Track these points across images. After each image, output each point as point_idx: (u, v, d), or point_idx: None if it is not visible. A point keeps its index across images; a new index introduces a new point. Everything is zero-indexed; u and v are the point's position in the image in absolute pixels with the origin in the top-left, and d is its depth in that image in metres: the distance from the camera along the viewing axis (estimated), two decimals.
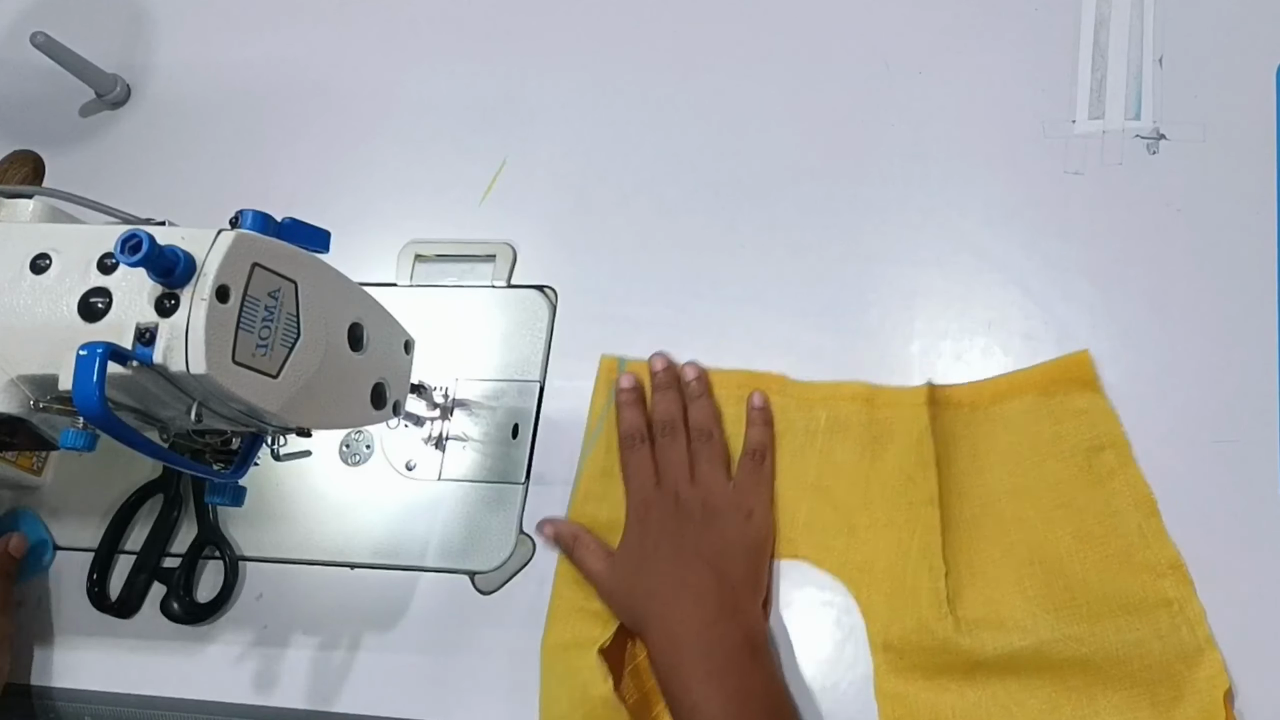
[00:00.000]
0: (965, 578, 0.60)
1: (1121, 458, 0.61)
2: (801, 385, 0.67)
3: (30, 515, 0.74)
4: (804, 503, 0.64)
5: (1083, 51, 0.71)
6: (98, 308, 0.51)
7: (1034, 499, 0.61)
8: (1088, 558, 0.59)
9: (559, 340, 0.72)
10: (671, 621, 0.59)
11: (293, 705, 0.67)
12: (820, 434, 0.65)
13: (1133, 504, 0.59)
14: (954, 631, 0.58)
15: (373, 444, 0.72)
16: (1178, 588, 0.57)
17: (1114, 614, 0.57)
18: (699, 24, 0.78)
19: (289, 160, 0.82)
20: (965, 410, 0.64)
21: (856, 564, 0.62)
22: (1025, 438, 0.62)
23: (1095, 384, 0.62)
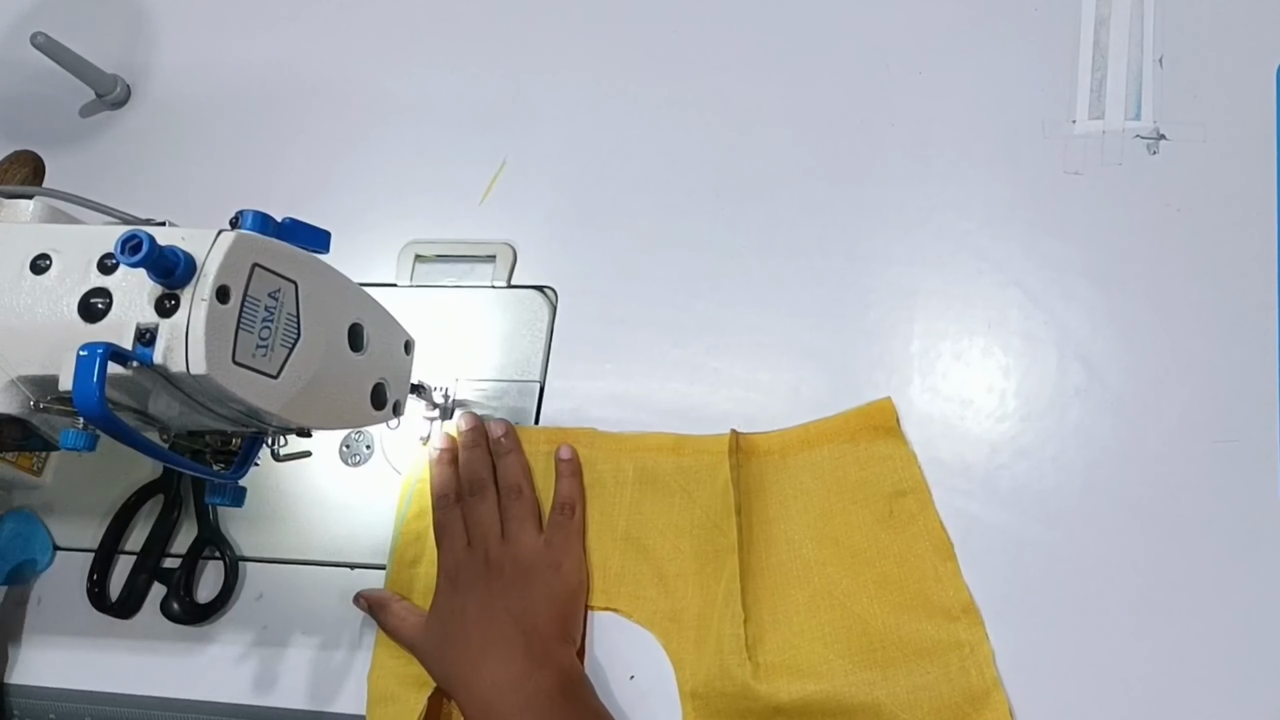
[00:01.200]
0: (767, 624, 0.61)
1: (922, 502, 0.62)
2: (609, 437, 0.68)
3: (30, 515, 0.74)
4: (615, 554, 0.65)
5: (1083, 51, 0.71)
6: (98, 308, 0.51)
7: (837, 545, 0.62)
8: (886, 601, 0.60)
9: (559, 340, 0.72)
10: (481, 682, 0.59)
11: (293, 705, 0.67)
12: (629, 485, 0.66)
13: (931, 548, 0.61)
14: (751, 678, 0.58)
15: (373, 444, 0.72)
16: (970, 630, 0.59)
17: (907, 658, 0.59)
18: (699, 24, 0.78)
19: (289, 160, 0.82)
20: (775, 457, 0.65)
21: (666, 613, 0.63)
22: (830, 484, 0.64)
23: (897, 430, 0.64)
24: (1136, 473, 0.61)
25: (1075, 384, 0.64)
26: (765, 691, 0.58)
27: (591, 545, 0.65)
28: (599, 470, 0.67)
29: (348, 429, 0.71)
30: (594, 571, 0.65)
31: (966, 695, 0.57)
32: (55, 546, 0.73)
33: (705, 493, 0.65)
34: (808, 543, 0.63)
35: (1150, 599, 0.58)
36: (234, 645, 0.69)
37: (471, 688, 0.59)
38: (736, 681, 0.59)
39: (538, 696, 0.58)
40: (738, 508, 0.63)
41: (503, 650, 0.60)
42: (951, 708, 0.57)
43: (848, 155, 0.72)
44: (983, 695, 0.57)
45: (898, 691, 0.58)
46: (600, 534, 0.66)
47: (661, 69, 0.77)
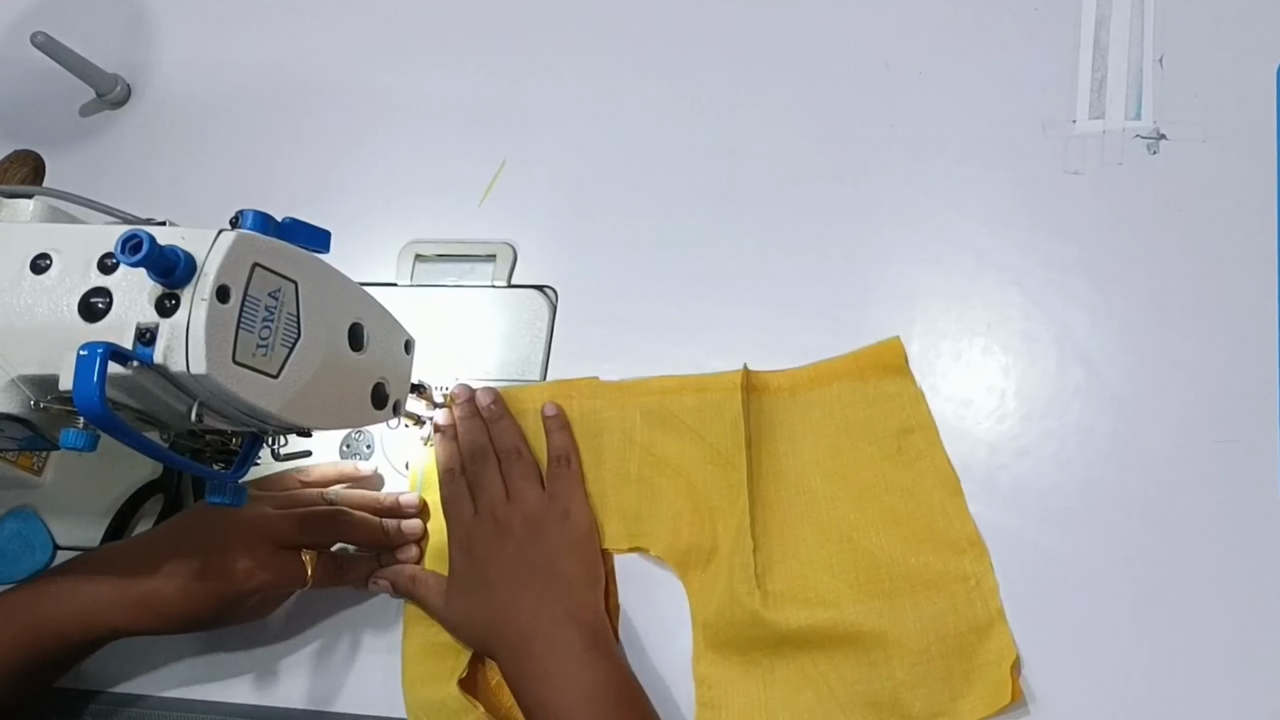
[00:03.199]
0: (776, 555, 0.62)
1: (929, 440, 0.63)
2: (613, 385, 0.69)
3: (30, 515, 0.74)
4: (631, 496, 0.66)
5: (1083, 51, 0.71)
6: (98, 308, 0.51)
7: (846, 480, 0.63)
8: (894, 535, 0.61)
9: (559, 340, 0.72)
10: (512, 636, 0.61)
11: (293, 705, 0.67)
12: (638, 429, 0.67)
13: (938, 483, 0.62)
14: (761, 605, 0.60)
15: (373, 444, 0.71)
16: (975, 563, 0.60)
17: (914, 589, 0.60)
18: (699, 24, 0.78)
19: (289, 160, 0.82)
20: (784, 395, 0.66)
21: (682, 549, 0.65)
22: (840, 421, 0.65)
23: (905, 369, 0.65)
24: (1136, 473, 0.61)
25: (1075, 384, 0.64)
26: (773, 619, 0.60)
27: (607, 491, 0.67)
28: (606, 418, 0.68)
29: (348, 429, 0.71)
30: (612, 516, 0.66)
31: (971, 625, 0.59)
32: (55, 546, 0.73)
33: (714, 430, 0.65)
34: (817, 478, 0.64)
35: (1150, 598, 0.58)
36: (234, 645, 0.69)
37: (504, 636, 0.61)
38: (746, 609, 0.60)
39: (568, 644, 0.59)
40: (748, 442, 0.64)
41: (530, 602, 0.61)
42: (956, 637, 0.58)
43: (848, 155, 0.72)
44: (987, 625, 0.59)
45: (904, 621, 0.59)
46: (616, 480, 0.67)
47: (662, 69, 0.77)
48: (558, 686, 0.58)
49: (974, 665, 0.58)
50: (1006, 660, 0.57)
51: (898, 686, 0.58)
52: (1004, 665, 0.57)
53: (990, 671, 0.58)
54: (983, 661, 0.58)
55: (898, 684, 0.58)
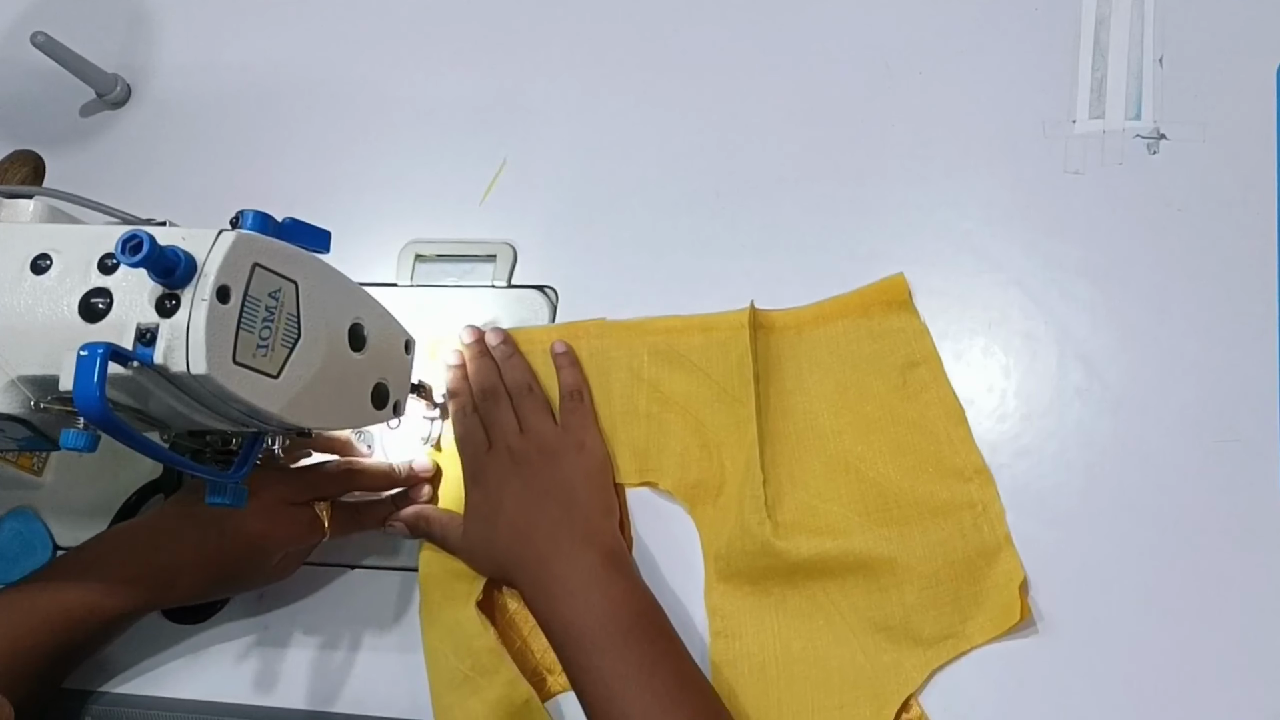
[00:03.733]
0: (786, 487, 0.63)
1: (934, 372, 0.64)
2: (620, 325, 0.70)
3: (30, 515, 0.74)
4: (641, 432, 0.68)
5: (1083, 51, 0.71)
6: (98, 308, 0.51)
7: (852, 414, 0.65)
8: (900, 465, 0.63)
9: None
10: (531, 558, 0.62)
11: (293, 705, 0.67)
12: (646, 367, 0.68)
13: (943, 414, 0.63)
14: (772, 535, 0.61)
15: (373, 444, 0.71)
16: (981, 490, 0.61)
17: (922, 516, 0.61)
18: (699, 25, 0.78)
19: (289, 160, 0.82)
20: (790, 333, 0.67)
21: (691, 483, 0.66)
22: (845, 357, 0.66)
23: (909, 304, 0.66)
24: (1136, 473, 0.61)
25: (1075, 384, 0.64)
26: (785, 548, 0.61)
27: (617, 427, 0.68)
28: (614, 357, 0.69)
29: (348, 429, 0.71)
30: (623, 450, 0.67)
31: (979, 550, 0.60)
32: (55, 546, 0.73)
33: (721, 367, 0.67)
34: (824, 413, 0.65)
35: (1150, 598, 0.58)
36: (234, 645, 0.69)
37: (524, 564, 0.62)
38: (756, 540, 0.61)
39: (590, 569, 0.61)
40: (755, 378, 0.65)
41: (548, 527, 0.62)
42: (965, 562, 0.60)
43: (848, 155, 0.72)
44: (994, 550, 0.60)
45: (913, 547, 0.60)
46: (625, 416, 0.68)
47: (662, 69, 0.77)
48: (579, 604, 0.59)
49: (982, 588, 0.59)
50: (1014, 581, 0.58)
51: (908, 610, 0.59)
52: (1012, 586, 0.58)
53: (998, 593, 0.59)
54: (991, 584, 0.59)
55: (908, 608, 0.59)
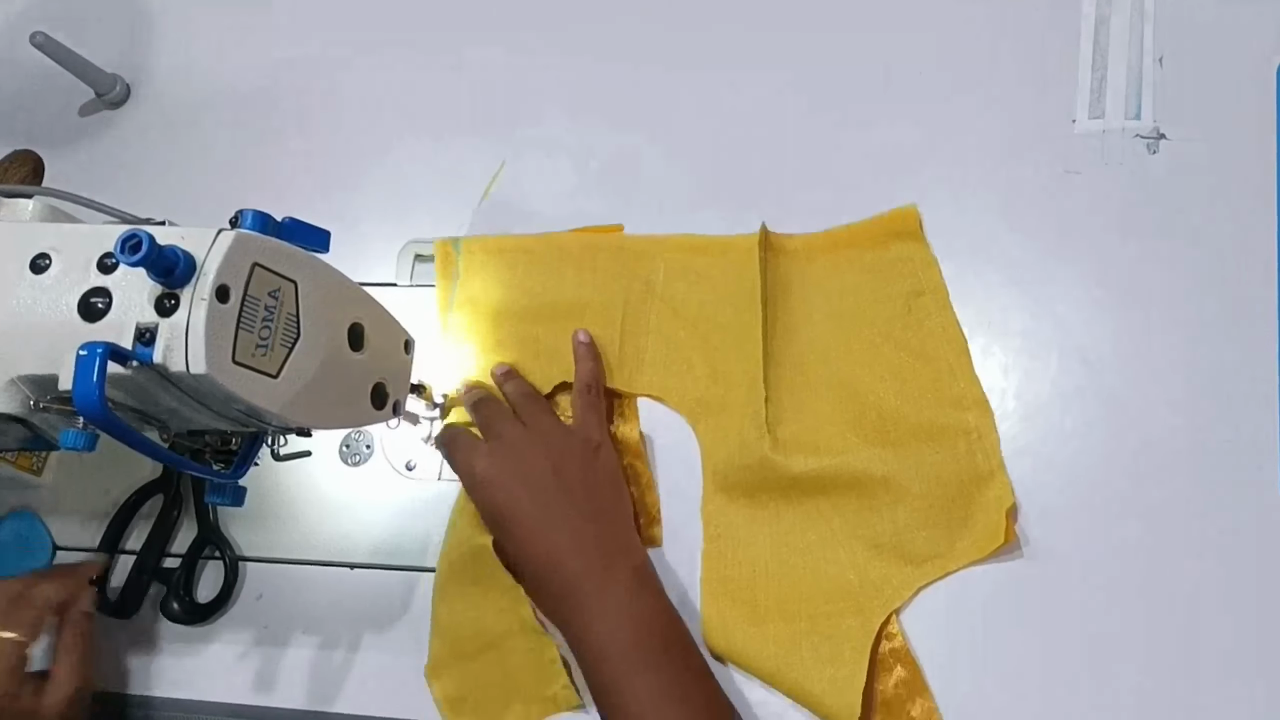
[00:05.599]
0: (787, 406, 0.64)
1: (939, 301, 0.65)
2: (639, 239, 0.71)
3: (30, 515, 0.74)
4: (649, 345, 0.69)
5: (1083, 51, 0.71)
6: (98, 308, 0.51)
7: (857, 338, 0.66)
8: (900, 391, 0.64)
9: None
10: (557, 583, 0.60)
11: (293, 705, 0.67)
12: (659, 283, 0.70)
13: (946, 343, 0.64)
14: (770, 450, 0.62)
15: (373, 444, 0.71)
16: (979, 419, 0.62)
17: (919, 440, 0.62)
18: (700, 25, 0.78)
19: (289, 160, 0.82)
20: (800, 258, 0.69)
21: (695, 397, 0.67)
22: (852, 284, 0.67)
23: (919, 234, 0.67)
24: (1136, 472, 0.61)
25: (1075, 384, 0.64)
26: (781, 462, 0.62)
27: (625, 337, 0.69)
28: (631, 269, 0.70)
29: (348, 429, 0.71)
30: (628, 360, 0.69)
31: (972, 475, 0.61)
32: (55, 546, 0.73)
33: (731, 288, 0.68)
34: (829, 336, 0.66)
35: (1150, 598, 0.58)
36: (234, 645, 0.69)
37: (548, 583, 0.61)
38: (755, 454, 0.63)
39: (620, 589, 0.60)
40: (764, 300, 0.66)
41: (573, 542, 0.61)
42: (957, 485, 0.61)
43: (848, 156, 0.72)
44: (988, 475, 0.61)
45: (907, 467, 0.62)
46: (634, 326, 0.69)
47: (662, 71, 0.77)
48: (611, 625, 0.58)
49: (971, 511, 0.60)
50: (1003, 505, 0.60)
51: (899, 529, 0.61)
52: (999, 510, 0.59)
53: (986, 515, 0.60)
54: (980, 506, 0.60)
55: (899, 526, 0.61)
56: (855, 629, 0.59)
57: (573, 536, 0.61)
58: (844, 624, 0.60)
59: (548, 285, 0.71)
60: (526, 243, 0.72)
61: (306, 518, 0.71)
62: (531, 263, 0.72)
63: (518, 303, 0.71)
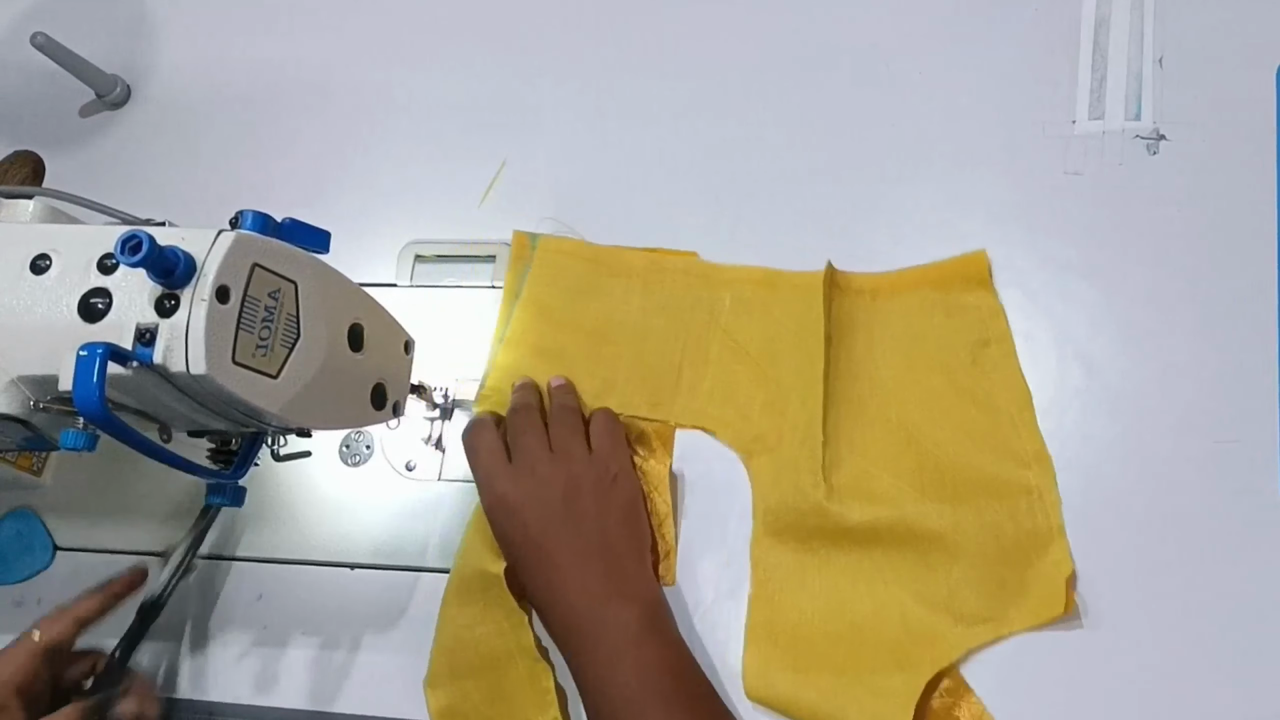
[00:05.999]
0: (844, 450, 0.63)
1: (1005, 353, 0.64)
2: (708, 266, 0.70)
3: (30, 515, 0.74)
4: (706, 375, 0.67)
5: (1083, 51, 0.71)
6: (98, 308, 0.51)
7: (919, 386, 0.64)
8: (961, 442, 0.62)
9: None
10: (559, 602, 0.59)
11: (293, 705, 0.67)
12: (724, 313, 0.68)
13: (1010, 397, 0.63)
14: (825, 498, 0.61)
15: (373, 444, 0.72)
16: (1040, 477, 0.61)
17: (977, 496, 0.60)
18: (699, 25, 0.78)
19: (289, 160, 0.82)
20: (865, 298, 0.67)
21: (751, 435, 0.65)
22: (918, 328, 0.66)
23: (988, 282, 0.66)
24: (1136, 473, 0.61)
25: (1075, 384, 0.63)
26: (836, 511, 0.61)
27: (684, 365, 0.68)
28: (696, 295, 0.69)
29: (348, 429, 0.71)
30: (684, 391, 0.67)
31: (1031, 536, 0.59)
32: (55, 546, 0.73)
33: (795, 325, 0.66)
34: (891, 382, 0.65)
35: (1150, 599, 0.58)
36: (234, 645, 0.69)
37: (553, 615, 0.60)
38: (810, 500, 0.61)
39: (624, 629, 0.58)
40: (827, 339, 0.65)
41: (577, 574, 0.59)
42: (1014, 546, 0.59)
43: (848, 155, 0.72)
44: (1046, 538, 0.59)
45: (965, 526, 0.60)
46: (694, 356, 0.68)
47: (662, 69, 0.77)
48: (618, 668, 0.56)
49: (1029, 575, 0.58)
50: (1062, 572, 0.58)
51: (953, 587, 0.59)
52: (1059, 577, 0.58)
53: (1045, 582, 0.58)
54: (1038, 572, 0.58)
55: (953, 585, 0.59)
56: (901, 686, 0.57)
57: (577, 570, 0.59)
58: (890, 680, 0.58)
59: (614, 302, 0.70)
60: (600, 253, 0.71)
61: (306, 518, 0.71)
62: (599, 275, 0.71)
63: (582, 314, 0.70)
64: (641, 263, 0.70)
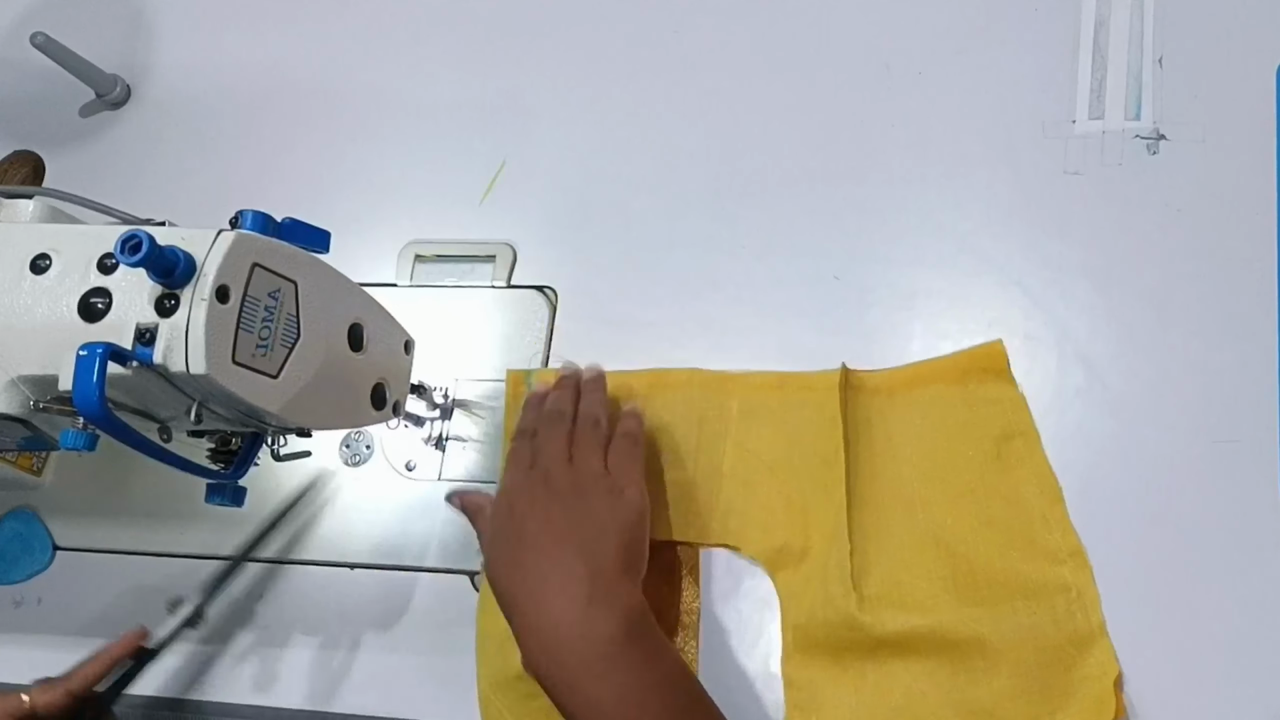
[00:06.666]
0: (872, 557, 0.61)
1: (1030, 446, 0.62)
2: (712, 375, 0.68)
3: (30, 515, 0.74)
4: (723, 490, 0.65)
5: (1083, 51, 0.71)
6: (98, 308, 0.51)
7: (943, 483, 0.62)
8: (991, 542, 0.60)
9: (559, 341, 0.72)
10: (543, 621, 0.55)
11: (293, 705, 0.67)
12: (734, 422, 0.66)
13: (1038, 491, 0.61)
14: (857, 608, 0.58)
15: (373, 444, 0.72)
16: (1076, 574, 0.59)
17: (1013, 597, 0.58)
18: (699, 25, 0.78)
19: (289, 160, 0.82)
20: (881, 396, 0.65)
21: (775, 547, 0.63)
22: (938, 424, 0.63)
23: (1008, 374, 0.64)
24: (1136, 473, 0.61)
25: (1075, 384, 0.63)
26: (869, 622, 0.58)
27: (699, 484, 0.65)
28: (702, 407, 0.67)
29: (347, 429, 0.71)
30: (703, 510, 0.65)
31: (1072, 638, 0.57)
32: (55, 546, 0.73)
33: (811, 428, 0.64)
34: (914, 481, 0.63)
35: (1150, 599, 0.58)
36: (234, 645, 0.69)
37: (533, 627, 0.55)
38: (841, 611, 0.59)
39: (601, 641, 0.54)
40: (846, 441, 0.63)
41: (563, 583, 0.55)
42: (1056, 649, 0.57)
43: (848, 155, 0.72)
44: (1088, 638, 0.57)
45: (1003, 630, 0.57)
46: (709, 473, 0.65)
47: (661, 69, 0.77)
48: (602, 683, 0.53)
49: (1074, 678, 0.56)
50: (1109, 675, 0.56)
51: (995, 696, 0.57)
52: (1106, 680, 0.56)
53: (1091, 685, 0.56)
54: (1083, 675, 0.56)
55: (995, 694, 0.57)
56: None
57: (560, 581, 0.55)
58: None
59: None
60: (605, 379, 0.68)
61: (307, 518, 0.71)
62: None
63: None
64: (642, 385, 0.67)
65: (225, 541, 0.71)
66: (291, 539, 0.70)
